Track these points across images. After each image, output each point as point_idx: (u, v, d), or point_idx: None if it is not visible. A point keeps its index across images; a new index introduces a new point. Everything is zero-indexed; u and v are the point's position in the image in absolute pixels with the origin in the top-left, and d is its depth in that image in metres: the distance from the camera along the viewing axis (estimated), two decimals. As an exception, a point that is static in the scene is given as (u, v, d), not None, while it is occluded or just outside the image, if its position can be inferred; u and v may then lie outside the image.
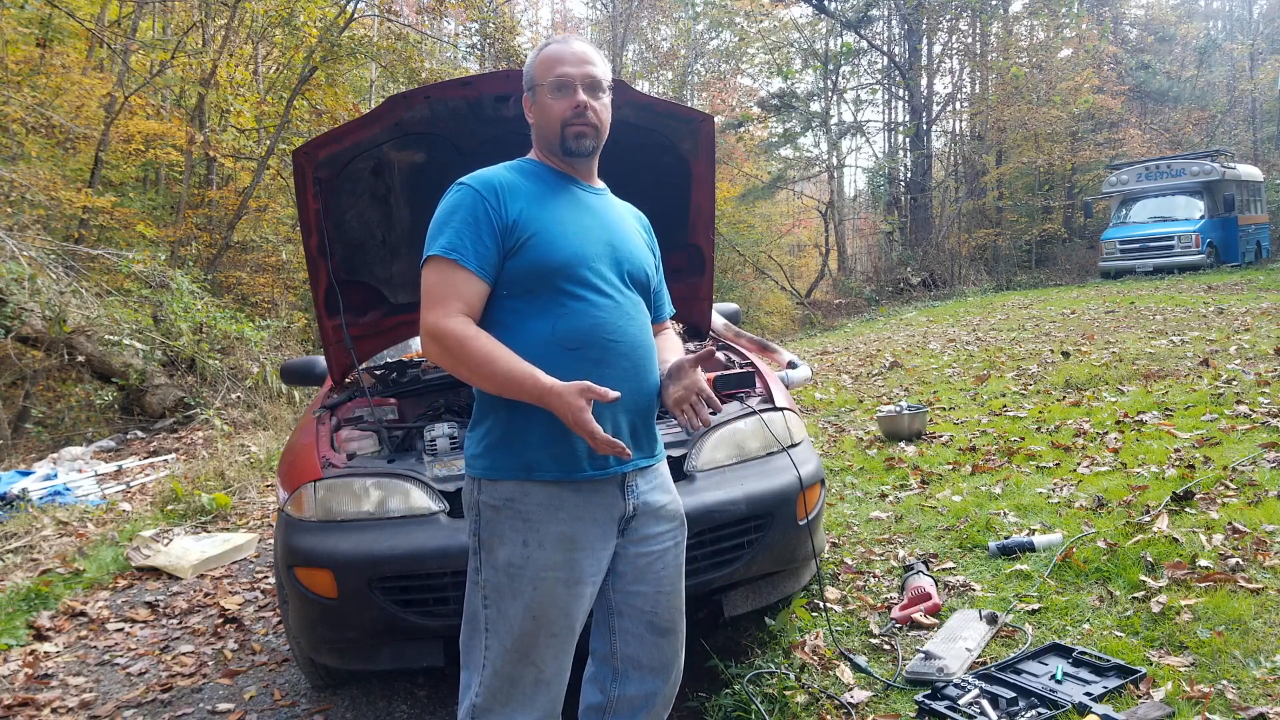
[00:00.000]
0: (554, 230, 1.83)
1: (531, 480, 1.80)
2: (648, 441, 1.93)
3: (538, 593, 1.79)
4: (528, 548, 1.79)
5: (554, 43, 1.94)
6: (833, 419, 6.81)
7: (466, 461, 1.88)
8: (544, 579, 1.79)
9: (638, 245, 1.98)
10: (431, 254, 1.78)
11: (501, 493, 1.81)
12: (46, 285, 8.51)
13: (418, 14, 17.20)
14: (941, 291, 19.91)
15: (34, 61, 11.25)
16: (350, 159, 3.06)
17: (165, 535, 5.51)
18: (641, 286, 1.95)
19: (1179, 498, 3.60)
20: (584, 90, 1.86)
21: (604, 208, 1.97)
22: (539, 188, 1.89)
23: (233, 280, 13.67)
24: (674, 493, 2.01)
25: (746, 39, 25.31)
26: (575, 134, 1.87)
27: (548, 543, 1.79)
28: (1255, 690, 2.30)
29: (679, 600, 2.00)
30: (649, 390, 1.89)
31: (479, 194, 1.81)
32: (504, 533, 1.81)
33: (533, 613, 1.79)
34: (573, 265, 1.82)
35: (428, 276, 1.78)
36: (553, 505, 1.80)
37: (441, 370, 3.72)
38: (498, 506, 1.81)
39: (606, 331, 1.82)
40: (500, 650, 1.82)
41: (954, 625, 2.88)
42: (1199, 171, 17.53)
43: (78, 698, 3.38)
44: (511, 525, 1.80)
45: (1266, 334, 7.75)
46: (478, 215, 1.79)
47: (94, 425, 9.87)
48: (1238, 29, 31.78)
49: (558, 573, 1.80)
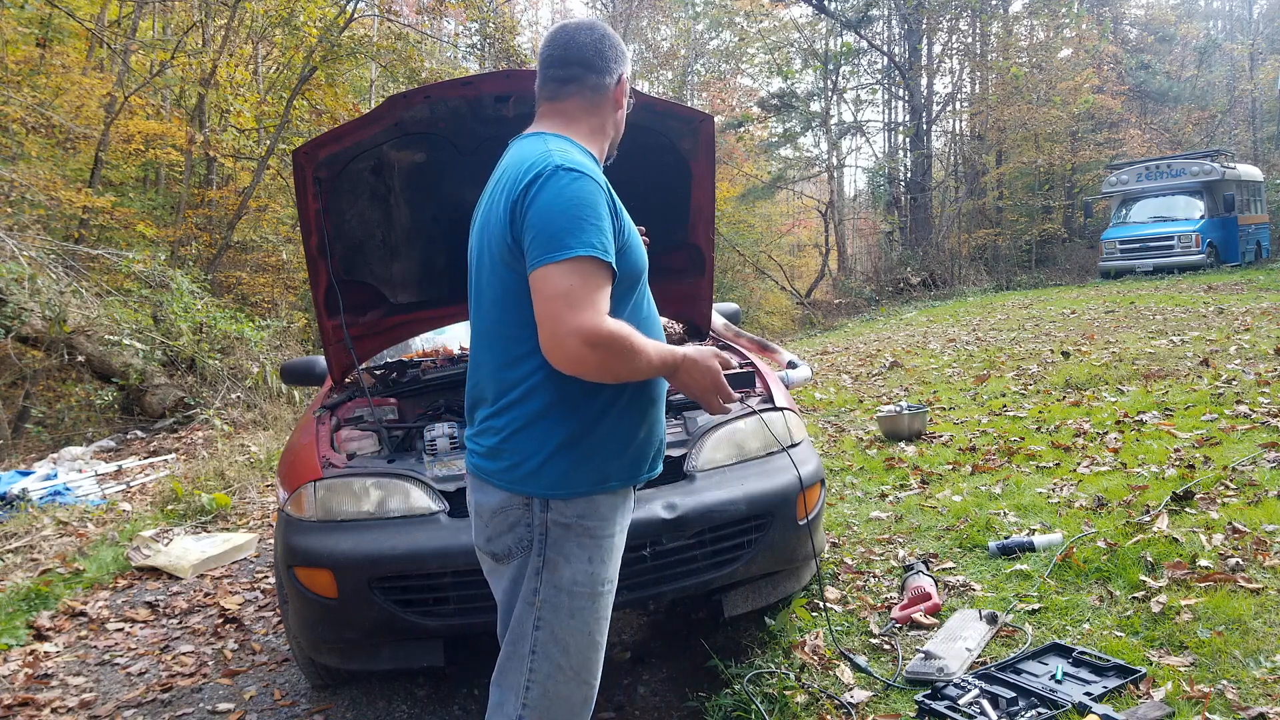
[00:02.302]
0: (636, 238, 1.77)
1: (603, 492, 1.71)
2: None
3: (595, 608, 1.72)
4: (592, 564, 1.71)
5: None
6: (833, 419, 6.80)
7: (516, 478, 1.70)
8: (601, 594, 1.73)
9: None
10: (580, 254, 1.56)
11: (574, 510, 1.69)
12: (46, 285, 8.51)
13: (418, 14, 17.20)
14: (941, 291, 19.90)
15: (34, 61, 11.25)
16: (350, 159, 3.06)
17: (165, 535, 5.51)
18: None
19: (1179, 498, 3.60)
20: None
21: None
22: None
23: (233, 280, 13.68)
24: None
25: (746, 39, 25.30)
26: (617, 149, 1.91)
27: (609, 556, 1.73)
28: (1255, 690, 2.30)
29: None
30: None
31: (605, 189, 1.66)
32: (571, 551, 1.70)
33: (588, 629, 1.72)
34: (645, 268, 1.80)
35: (569, 276, 1.56)
36: (612, 518, 1.73)
37: (442, 370, 3.74)
38: (569, 525, 1.69)
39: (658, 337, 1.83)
40: (550, 671, 1.72)
41: (954, 625, 2.88)
42: (1199, 171, 17.52)
43: (78, 698, 3.38)
44: (579, 543, 1.70)
45: (1266, 334, 7.74)
46: (606, 212, 1.64)
47: (94, 425, 9.86)
48: (1238, 29, 31.79)
49: (612, 585, 1.75)
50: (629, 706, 2.92)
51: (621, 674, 3.15)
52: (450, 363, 3.90)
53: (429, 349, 4.43)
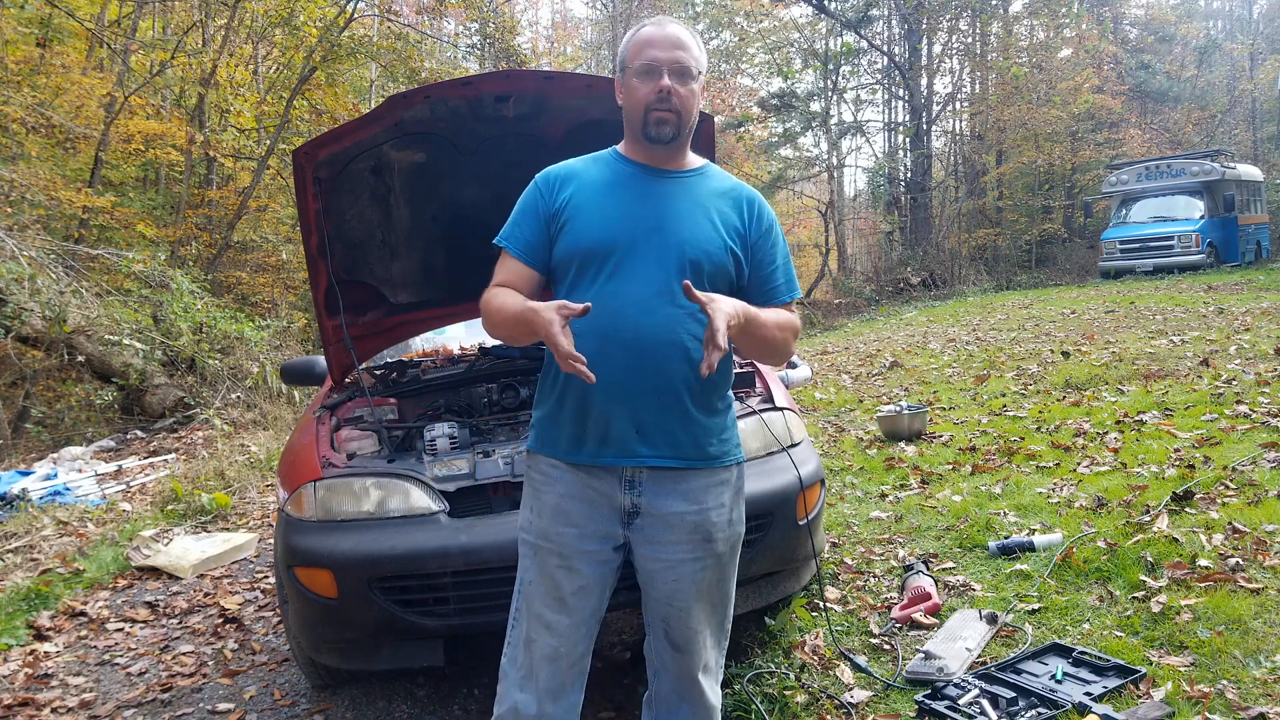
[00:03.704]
0: (588, 218, 1.85)
1: (542, 454, 1.93)
2: (664, 441, 1.83)
3: (538, 557, 1.91)
4: (534, 514, 1.93)
5: (648, 25, 1.89)
6: (833, 419, 6.80)
7: None
8: (541, 546, 1.90)
9: (706, 232, 1.86)
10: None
11: (530, 463, 1.98)
12: (46, 285, 8.51)
13: (418, 14, 17.19)
14: (941, 291, 19.89)
15: (34, 61, 11.24)
16: (350, 159, 3.06)
17: (165, 535, 5.51)
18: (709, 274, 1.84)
19: (1179, 498, 3.60)
20: (670, 76, 1.82)
21: (676, 194, 1.89)
22: (602, 176, 1.92)
23: (233, 280, 13.68)
24: (705, 505, 1.87)
25: (746, 39, 25.30)
26: (657, 120, 1.84)
27: (546, 511, 1.91)
28: (1255, 690, 2.30)
29: (694, 620, 1.91)
30: (664, 386, 1.80)
31: (536, 184, 1.95)
32: (526, 498, 1.98)
33: (534, 573, 1.91)
34: (596, 253, 1.82)
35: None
36: (553, 477, 1.91)
37: (442, 370, 3.74)
38: (527, 474, 1.99)
39: (610, 320, 1.77)
40: (520, 608, 1.93)
41: (954, 625, 2.88)
42: (1199, 171, 17.52)
43: (78, 698, 3.37)
44: (529, 492, 1.97)
45: (1266, 334, 7.74)
46: (527, 205, 1.94)
47: (94, 425, 9.86)
48: (1238, 29, 31.79)
49: (549, 543, 1.89)
50: (629, 706, 2.91)
51: (621, 674, 3.15)
52: (450, 363, 3.90)
53: (429, 349, 4.43)
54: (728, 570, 1.96)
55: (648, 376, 1.80)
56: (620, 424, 1.82)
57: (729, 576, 1.97)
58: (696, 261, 1.83)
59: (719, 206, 1.91)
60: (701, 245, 1.84)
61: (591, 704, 2.79)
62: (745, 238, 1.91)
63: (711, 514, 1.88)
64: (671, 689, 2.01)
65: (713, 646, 1.97)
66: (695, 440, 1.86)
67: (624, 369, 1.78)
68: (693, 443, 1.85)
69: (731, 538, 1.93)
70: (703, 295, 1.67)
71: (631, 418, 1.81)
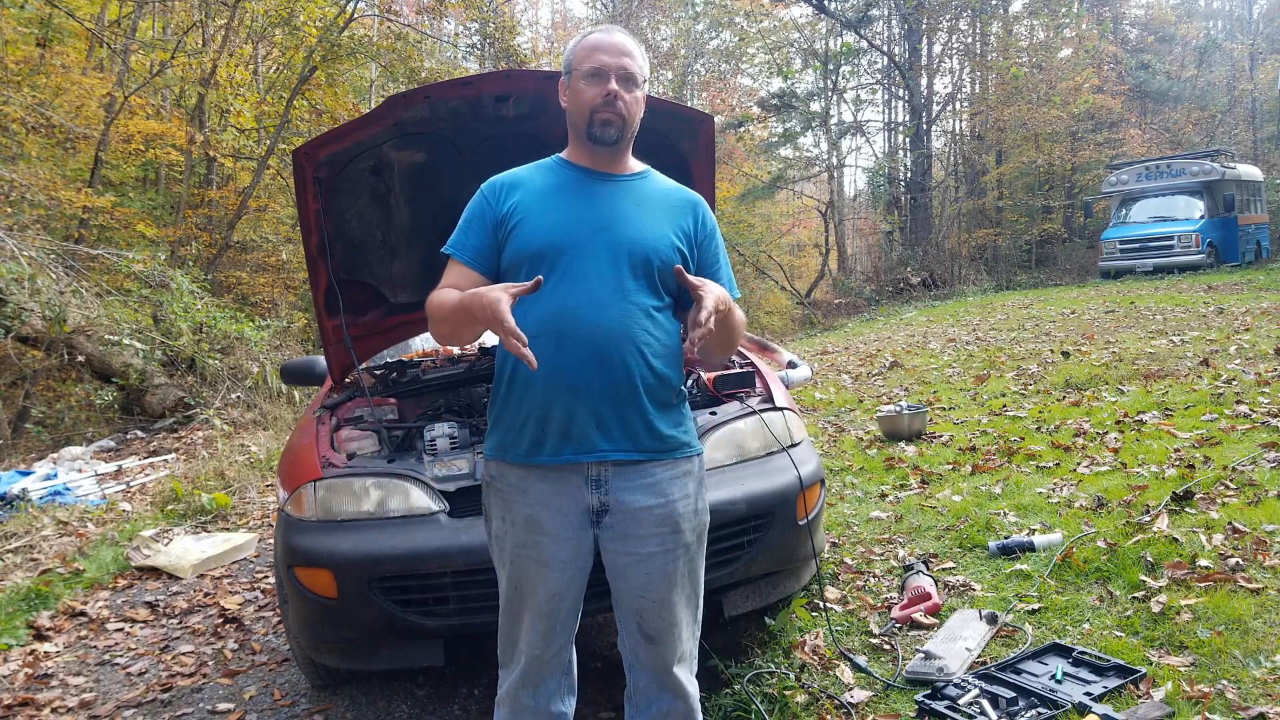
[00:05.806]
0: (536, 221, 1.89)
1: (505, 461, 1.92)
2: (623, 435, 1.86)
3: (515, 566, 1.93)
4: (504, 524, 1.94)
5: (596, 31, 1.94)
6: (833, 419, 6.80)
7: None
8: (519, 555, 1.92)
9: (654, 232, 1.90)
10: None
11: (490, 470, 1.97)
12: (46, 285, 8.51)
13: (418, 14, 17.19)
14: (941, 291, 19.89)
15: (34, 61, 11.23)
16: (350, 159, 3.06)
17: (165, 535, 5.51)
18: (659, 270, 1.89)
19: (1179, 498, 3.60)
20: (617, 80, 1.88)
21: (620, 195, 1.94)
22: (547, 181, 1.95)
23: (233, 280, 13.67)
24: (671, 497, 1.91)
25: (746, 39, 25.29)
26: (602, 121, 1.88)
27: (519, 522, 1.91)
28: (1255, 690, 2.30)
29: (668, 612, 1.93)
30: (622, 381, 1.83)
31: (482, 193, 1.98)
32: (491, 507, 1.97)
33: (514, 583, 1.93)
34: (545, 254, 1.85)
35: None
36: (522, 488, 1.91)
37: (442, 370, 3.74)
38: (488, 483, 1.97)
39: (566, 319, 1.82)
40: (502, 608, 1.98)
41: (954, 625, 2.88)
42: (1199, 171, 17.52)
43: (78, 698, 3.38)
44: (495, 501, 1.96)
45: (1266, 334, 7.74)
46: (473, 213, 1.97)
47: (94, 425, 9.86)
48: (1238, 29, 31.77)
49: (528, 551, 1.91)
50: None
51: (622, 674, 3.14)
52: (450, 363, 3.90)
53: (429, 349, 4.43)
54: (697, 560, 2.00)
55: (605, 372, 1.83)
56: (581, 420, 1.84)
57: (699, 566, 2.01)
58: (646, 259, 1.89)
59: (664, 207, 1.97)
60: (650, 243, 1.90)
61: (592, 704, 2.80)
62: (691, 238, 1.98)
63: (678, 505, 1.93)
64: (649, 682, 2.02)
65: (688, 637, 2.01)
66: (653, 432, 1.90)
67: (582, 365, 1.82)
68: (651, 435, 1.90)
69: (698, 527, 1.98)
70: (694, 279, 1.76)
71: (591, 413, 1.84)
